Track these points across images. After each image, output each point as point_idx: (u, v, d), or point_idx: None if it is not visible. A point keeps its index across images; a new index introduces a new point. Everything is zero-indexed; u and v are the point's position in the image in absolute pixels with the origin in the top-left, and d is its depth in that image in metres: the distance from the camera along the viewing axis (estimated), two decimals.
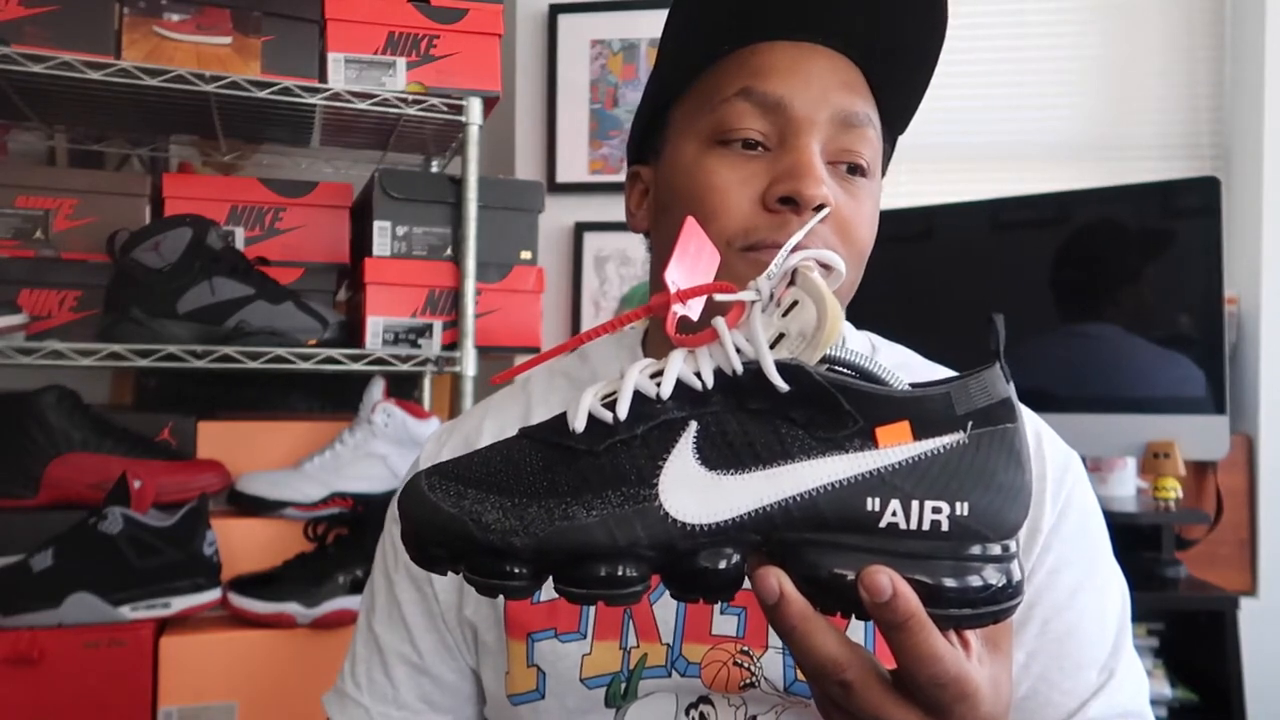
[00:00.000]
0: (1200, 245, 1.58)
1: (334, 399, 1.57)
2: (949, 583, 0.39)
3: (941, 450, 0.39)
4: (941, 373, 0.72)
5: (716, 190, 0.61)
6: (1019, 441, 0.40)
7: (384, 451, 1.34)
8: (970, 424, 0.39)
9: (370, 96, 1.33)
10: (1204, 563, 1.77)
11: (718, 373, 0.40)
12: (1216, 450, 1.59)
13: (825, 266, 0.42)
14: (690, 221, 0.43)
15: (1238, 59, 2.00)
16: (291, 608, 1.20)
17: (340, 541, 1.26)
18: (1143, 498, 1.71)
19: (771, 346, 0.40)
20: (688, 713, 0.63)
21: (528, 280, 1.47)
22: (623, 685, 0.63)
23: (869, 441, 0.39)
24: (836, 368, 0.41)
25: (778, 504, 0.39)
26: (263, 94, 1.28)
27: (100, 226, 1.37)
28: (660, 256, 0.67)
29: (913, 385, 0.42)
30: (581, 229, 2.03)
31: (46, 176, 1.45)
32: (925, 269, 1.80)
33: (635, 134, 0.72)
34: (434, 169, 1.72)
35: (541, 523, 0.38)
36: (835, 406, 0.39)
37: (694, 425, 0.39)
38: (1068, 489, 0.66)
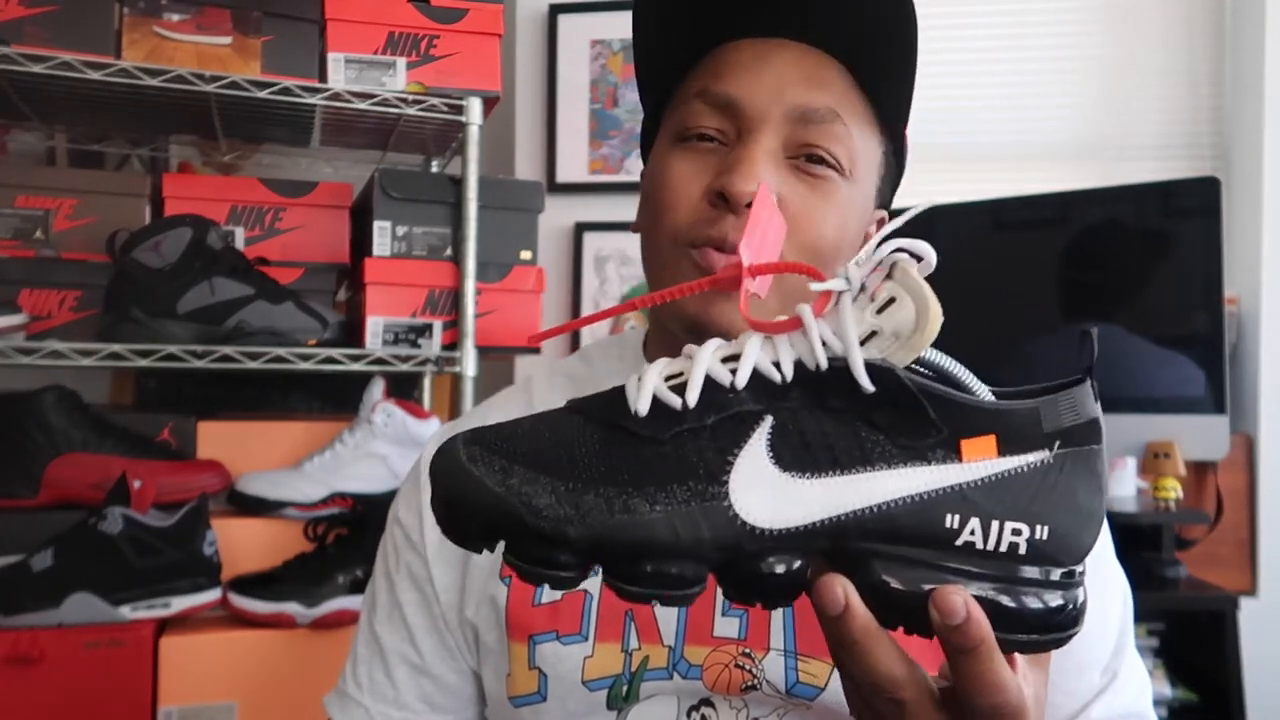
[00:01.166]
0: (1200, 245, 1.58)
1: (334, 399, 1.57)
2: (1018, 606, 0.37)
3: (1026, 468, 0.37)
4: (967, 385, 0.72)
5: (668, 185, 0.61)
6: (1101, 464, 0.39)
7: (384, 451, 1.34)
8: (1057, 443, 0.38)
9: (370, 96, 1.33)
10: (1204, 563, 1.77)
11: (798, 365, 0.37)
12: (1216, 450, 1.59)
13: (916, 257, 0.39)
14: (763, 190, 0.40)
15: (1238, 59, 2.00)
16: (291, 608, 1.20)
17: (340, 541, 1.26)
18: (1143, 498, 1.71)
19: (861, 343, 0.37)
20: (689, 715, 0.63)
21: (528, 280, 1.47)
22: (624, 688, 0.62)
23: (953, 453, 0.37)
24: (918, 369, 0.39)
25: (853, 514, 0.37)
26: (263, 94, 1.28)
27: (100, 226, 1.37)
28: (642, 255, 0.66)
29: (997, 395, 0.40)
30: (581, 229, 2.03)
31: (46, 176, 1.45)
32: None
33: (641, 139, 0.73)
34: (434, 169, 1.72)
35: (599, 513, 0.36)
36: (921, 414, 0.37)
37: (769, 420, 0.37)
38: None
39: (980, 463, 0.37)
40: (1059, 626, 0.38)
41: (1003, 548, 0.37)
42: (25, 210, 1.38)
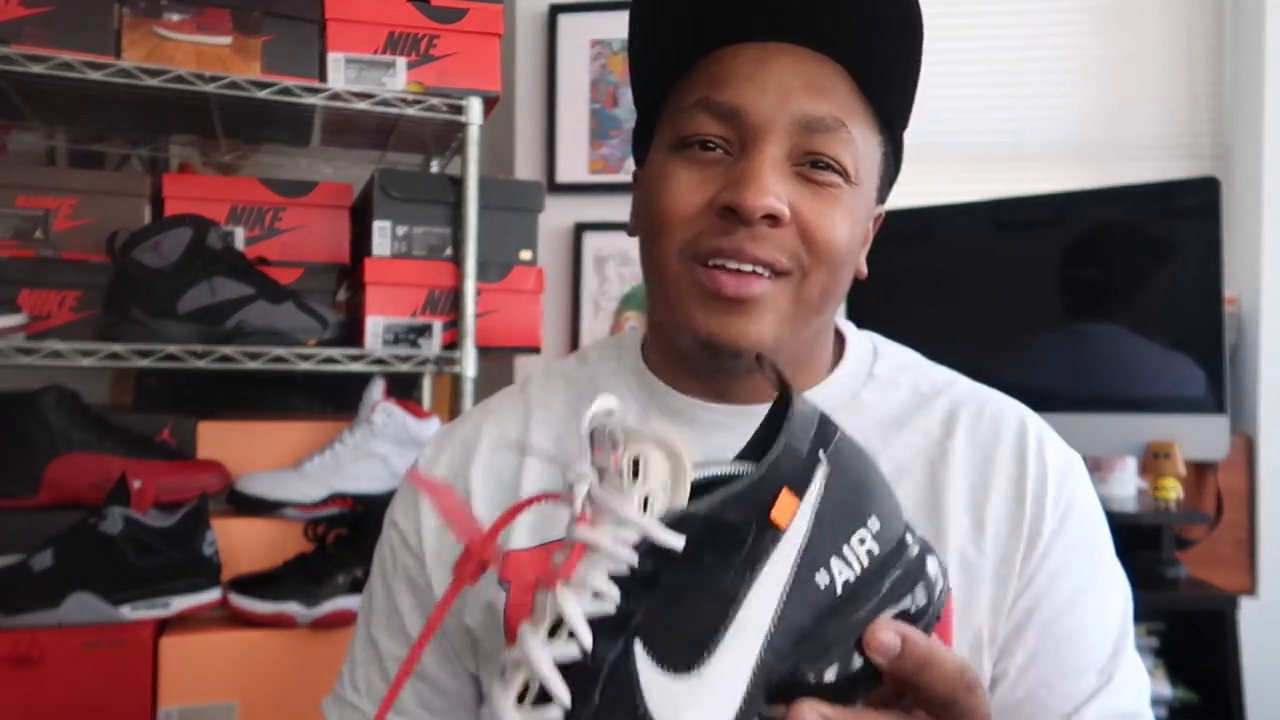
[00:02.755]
0: (1200, 245, 1.58)
1: (334, 399, 1.57)
2: (918, 598, 0.40)
3: (824, 491, 0.39)
4: (941, 374, 0.71)
5: (670, 194, 0.60)
6: (856, 443, 0.41)
7: (384, 451, 1.34)
8: (821, 451, 0.40)
9: (370, 96, 1.33)
10: (1204, 563, 1.77)
11: (617, 580, 0.36)
12: (1216, 450, 1.59)
13: (606, 413, 0.39)
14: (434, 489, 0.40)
15: (1238, 59, 2.00)
16: (291, 608, 1.20)
17: (340, 541, 1.26)
18: (1143, 498, 1.71)
19: (644, 514, 0.37)
20: None
21: (528, 280, 1.47)
22: None
23: (774, 533, 0.38)
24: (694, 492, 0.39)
25: (760, 655, 0.37)
26: (263, 94, 1.28)
27: (100, 226, 1.37)
28: (642, 260, 0.66)
29: (739, 457, 0.42)
30: (581, 229, 2.03)
31: (46, 176, 1.45)
32: (925, 269, 1.80)
33: (634, 139, 0.71)
34: (434, 169, 1.72)
35: None
36: (729, 527, 0.37)
37: (638, 644, 0.36)
38: (1069, 493, 0.66)
39: (795, 519, 0.38)
40: (937, 592, 0.41)
41: (865, 560, 0.39)
42: (25, 210, 1.38)
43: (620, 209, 0.74)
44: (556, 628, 0.36)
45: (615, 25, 2.03)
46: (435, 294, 1.40)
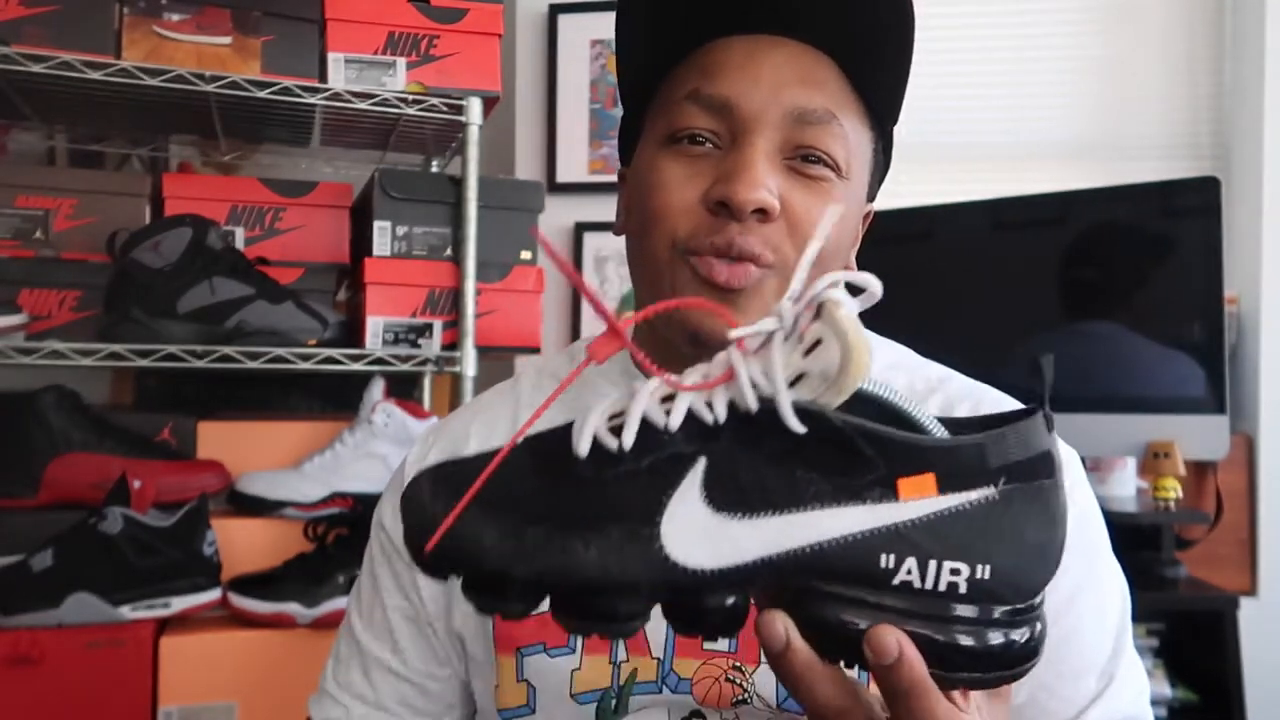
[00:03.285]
0: (1200, 245, 1.58)
1: (334, 399, 1.57)
2: (954, 644, 0.37)
3: (968, 506, 0.36)
4: (934, 370, 0.70)
5: (662, 189, 0.60)
6: (1056, 498, 0.38)
7: (384, 451, 1.34)
8: (1003, 479, 0.37)
9: (370, 96, 1.33)
10: (1204, 563, 1.77)
11: (731, 406, 0.37)
12: (1216, 450, 1.59)
13: (854, 289, 0.38)
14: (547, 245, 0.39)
15: (1238, 59, 2.00)
16: (291, 608, 1.20)
17: (340, 541, 1.26)
18: (1143, 498, 1.71)
19: (791, 385, 0.36)
20: None
21: (528, 280, 1.47)
22: (613, 701, 0.62)
23: (889, 492, 0.36)
24: (861, 401, 0.38)
25: (787, 553, 0.36)
26: (263, 94, 1.28)
27: (100, 226, 1.37)
28: (630, 258, 0.65)
29: (944, 422, 0.39)
30: (581, 229, 2.03)
31: (46, 176, 1.45)
32: (925, 269, 1.80)
33: (620, 137, 0.71)
34: (434, 169, 1.72)
35: (539, 552, 0.37)
36: (856, 453, 0.36)
37: (703, 461, 0.37)
38: (1070, 490, 0.66)
39: (918, 501, 0.36)
40: (1005, 664, 0.37)
41: (941, 587, 0.36)
42: (25, 210, 1.38)
43: None
44: (668, 399, 0.38)
45: None
46: (435, 294, 1.40)
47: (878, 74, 0.61)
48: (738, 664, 0.61)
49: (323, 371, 1.33)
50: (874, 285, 0.38)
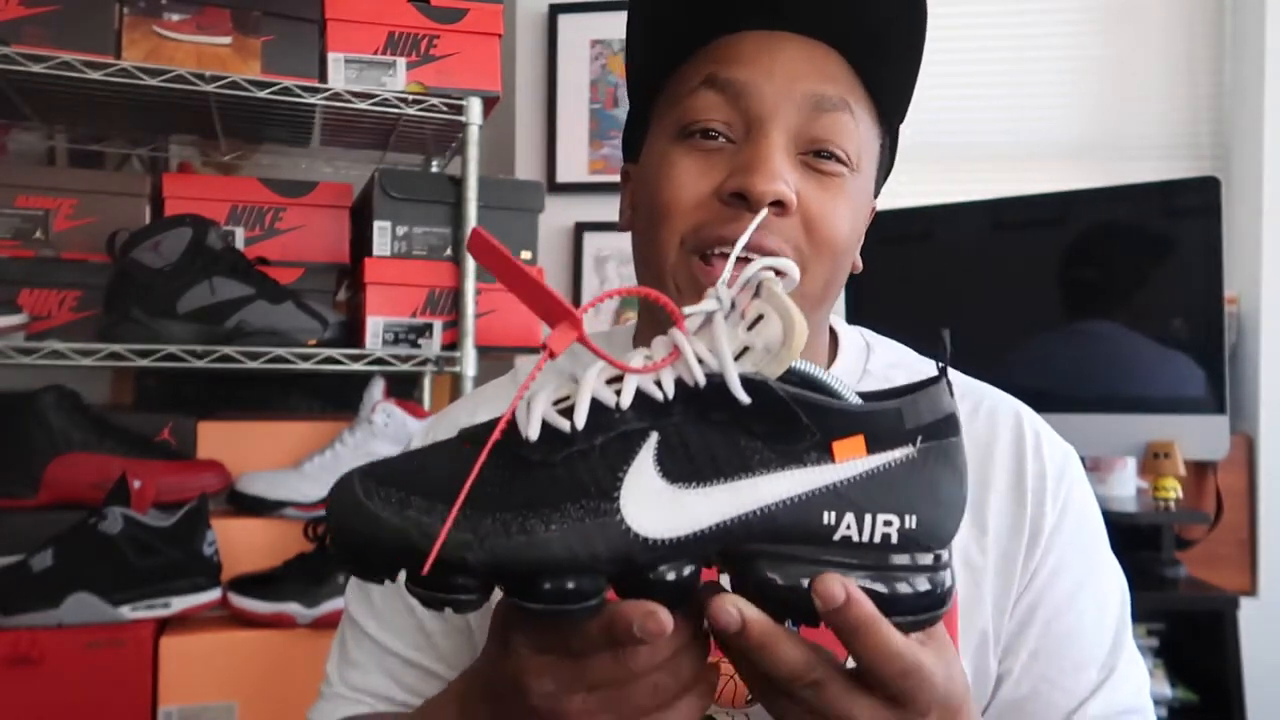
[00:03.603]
0: (1200, 245, 1.58)
1: (334, 399, 1.57)
2: (892, 591, 0.40)
3: (893, 464, 0.40)
4: (964, 386, 0.70)
5: (672, 183, 0.59)
6: (961, 456, 0.42)
7: (384, 451, 1.34)
8: (919, 438, 0.40)
9: (370, 96, 1.33)
10: (1204, 563, 1.77)
11: (679, 383, 0.39)
12: (1216, 450, 1.59)
13: (778, 273, 0.41)
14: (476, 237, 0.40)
15: (1238, 59, 2.00)
16: (291, 608, 1.20)
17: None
18: (1143, 498, 1.71)
19: (735, 359, 0.39)
20: None
21: None
22: None
23: (826, 455, 0.39)
24: (790, 379, 0.41)
25: (738, 518, 0.39)
26: (263, 94, 1.28)
27: (100, 226, 1.37)
28: (636, 255, 0.65)
29: (862, 396, 0.42)
30: (581, 229, 2.03)
31: (46, 176, 1.45)
32: (925, 269, 1.80)
33: (625, 133, 0.70)
34: (434, 169, 1.72)
35: (497, 536, 0.37)
36: (794, 420, 0.39)
37: (654, 436, 0.39)
38: (1066, 488, 0.66)
39: (851, 461, 0.39)
40: (929, 607, 0.41)
41: (876, 538, 0.40)
42: (25, 210, 1.38)
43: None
44: (617, 380, 0.40)
45: (615, 25, 2.03)
46: (435, 294, 1.40)
47: (887, 71, 0.61)
48: None
49: (323, 371, 1.33)
50: (793, 271, 0.42)
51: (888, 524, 0.40)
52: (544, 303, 0.39)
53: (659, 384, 0.39)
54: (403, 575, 0.38)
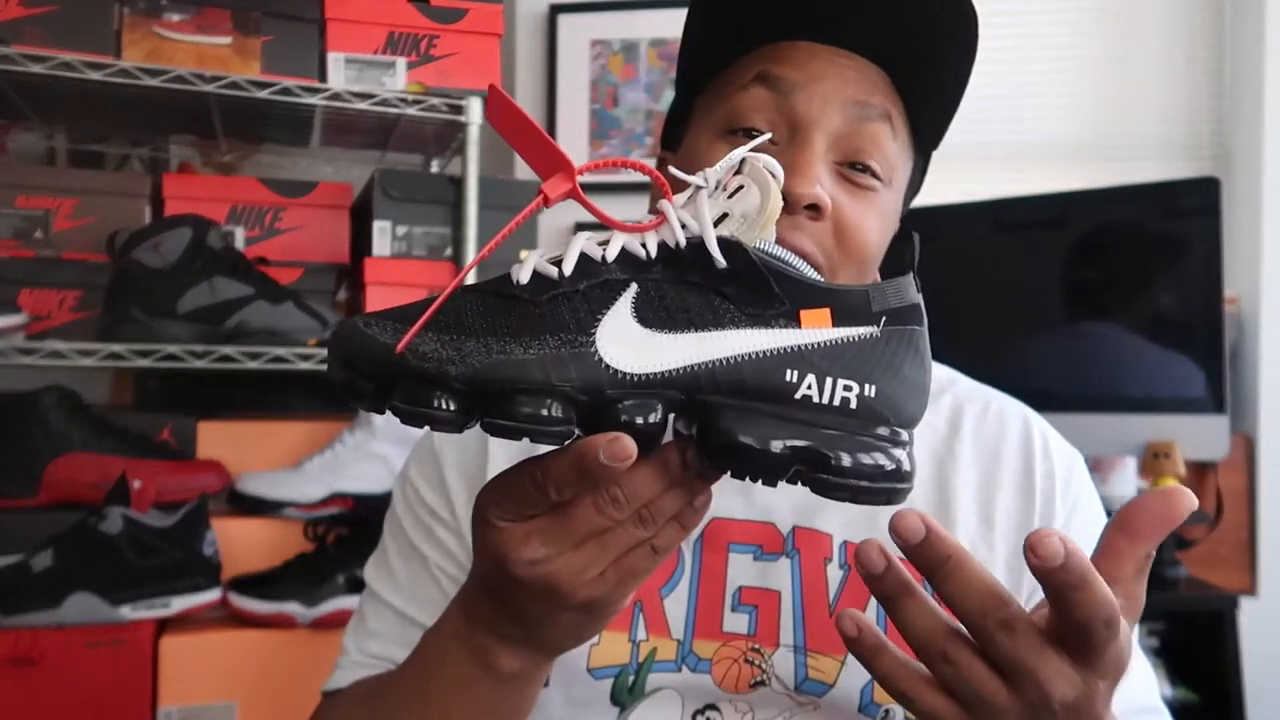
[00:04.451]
0: (1200, 245, 1.58)
1: (334, 399, 1.57)
2: (848, 457, 0.41)
3: (856, 338, 0.42)
4: (941, 371, 0.73)
5: None
6: (924, 343, 0.44)
7: (384, 452, 1.34)
8: (883, 320, 0.43)
9: (370, 96, 1.33)
10: (1204, 563, 1.77)
11: (661, 245, 0.42)
12: (1216, 450, 1.59)
13: (770, 173, 0.44)
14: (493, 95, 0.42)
15: (1238, 59, 2.00)
16: (291, 608, 1.20)
17: (340, 541, 1.26)
18: None
19: (716, 225, 0.42)
20: (694, 718, 0.62)
21: None
22: (631, 679, 0.62)
23: (793, 321, 0.42)
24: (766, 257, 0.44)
25: (704, 365, 0.41)
26: (263, 94, 1.28)
27: (100, 226, 1.37)
28: None
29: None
30: (581, 229, 2.02)
31: (46, 176, 1.45)
32: (925, 269, 1.80)
33: (667, 122, 0.71)
34: (434, 169, 1.72)
35: (478, 355, 0.40)
36: (766, 286, 0.42)
37: (634, 287, 0.42)
38: (1075, 488, 0.68)
39: (816, 330, 0.42)
40: (888, 478, 0.42)
41: (835, 401, 0.42)
42: (25, 210, 1.38)
43: (620, 209, 0.73)
44: (604, 243, 0.43)
45: (615, 25, 2.03)
46: (435, 294, 1.40)
47: (931, 96, 0.63)
48: (756, 646, 0.62)
49: (323, 371, 1.33)
50: (779, 171, 0.44)
51: (847, 389, 0.42)
52: (546, 154, 0.42)
53: (644, 245, 0.42)
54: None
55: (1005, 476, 0.67)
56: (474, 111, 1.38)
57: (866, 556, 0.43)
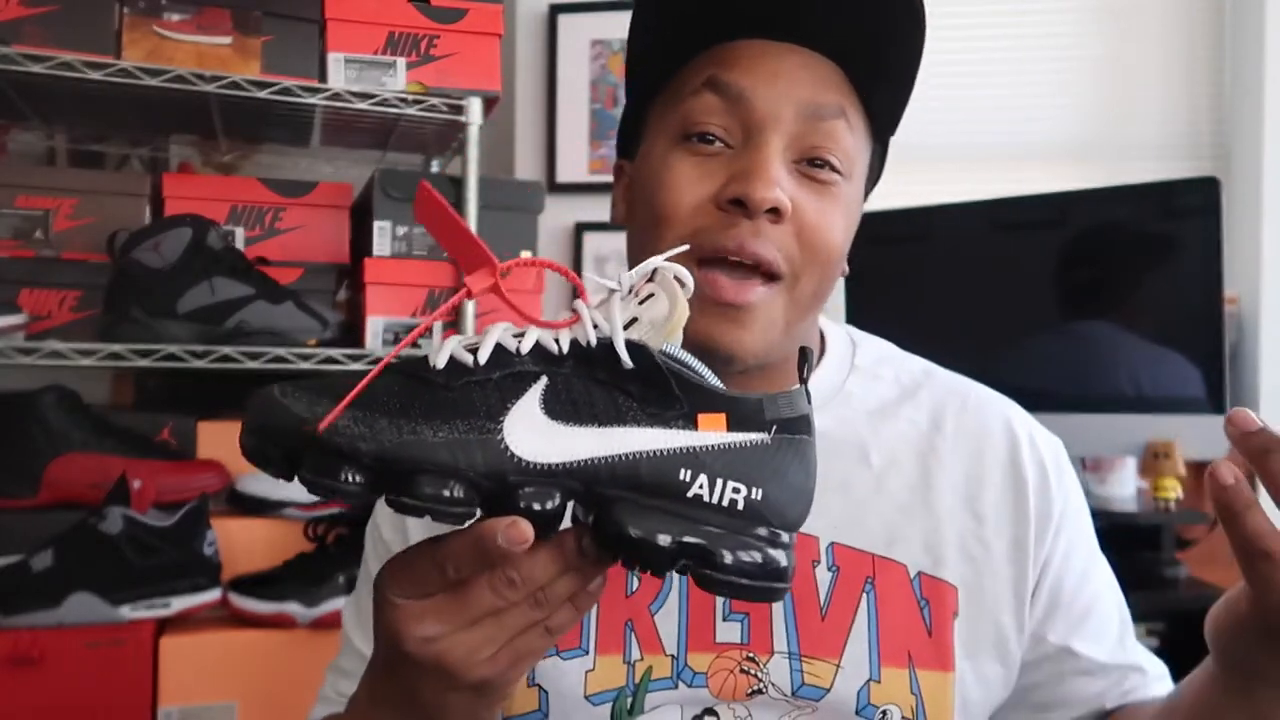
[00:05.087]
0: (1200, 245, 1.57)
1: None
2: (730, 555, 0.43)
3: (748, 444, 0.45)
4: (918, 364, 0.73)
5: (672, 188, 0.60)
6: (811, 451, 0.46)
7: None
8: (775, 428, 0.45)
9: (370, 96, 1.33)
10: (1204, 563, 1.77)
11: (573, 342, 0.45)
12: (1216, 450, 1.59)
13: (680, 282, 0.46)
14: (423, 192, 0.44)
15: (1238, 59, 2.00)
16: (291, 608, 1.20)
17: (340, 541, 1.26)
18: (1143, 498, 1.71)
19: (626, 328, 0.45)
20: None
21: (528, 280, 1.47)
22: (629, 700, 0.62)
23: (691, 424, 0.44)
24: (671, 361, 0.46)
25: (604, 459, 0.43)
26: (263, 94, 1.28)
27: (100, 226, 1.37)
28: (631, 252, 0.66)
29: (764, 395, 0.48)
30: (581, 229, 2.03)
31: (46, 176, 1.45)
32: (925, 269, 1.80)
33: (620, 129, 0.71)
34: (434, 169, 1.72)
35: (389, 434, 0.42)
36: (667, 389, 0.44)
37: (544, 380, 0.44)
38: (1066, 476, 0.69)
39: (712, 433, 0.44)
40: (766, 577, 0.44)
41: (724, 501, 0.44)
42: (25, 210, 1.38)
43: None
44: (519, 335, 0.45)
45: (615, 25, 2.03)
46: (435, 294, 1.40)
47: (884, 85, 0.62)
48: (751, 654, 0.62)
49: (323, 371, 1.33)
50: (689, 279, 0.46)
51: (735, 490, 0.44)
52: (470, 251, 0.45)
53: (557, 340, 0.45)
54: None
55: (991, 469, 0.67)
56: (474, 112, 1.38)
57: (1219, 471, 0.47)
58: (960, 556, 0.64)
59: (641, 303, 0.46)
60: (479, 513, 0.42)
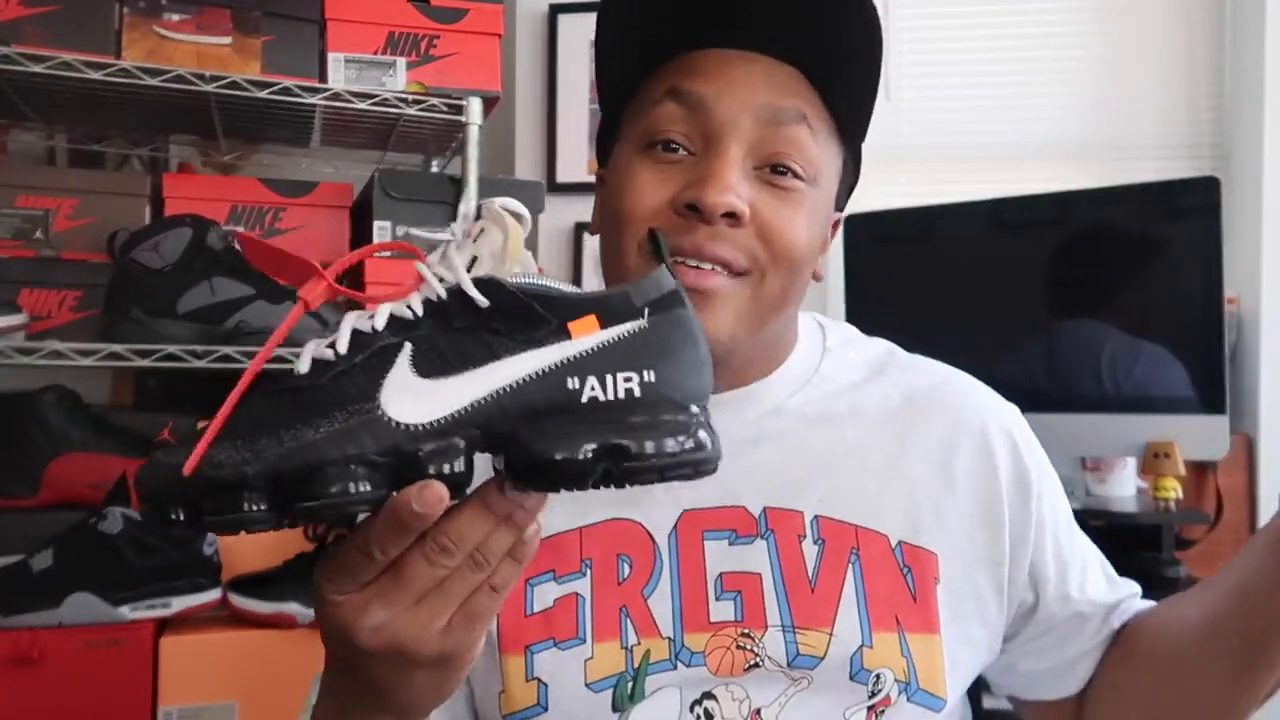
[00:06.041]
0: (1200, 245, 1.57)
1: None
2: (648, 442, 0.43)
3: (625, 334, 0.44)
4: (881, 344, 0.75)
5: (632, 193, 0.62)
6: (691, 323, 0.46)
7: None
8: (647, 311, 0.45)
9: (370, 96, 1.33)
10: (1204, 563, 1.76)
11: (426, 302, 0.45)
12: (1216, 450, 1.59)
13: (515, 215, 0.47)
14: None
15: (1238, 59, 2.00)
16: (291, 608, 1.20)
17: (340, 542, 1.26)
18: (1143, 498, 1.71)
19: (469, 270, 0.45)
20: (692, 710, 0.63)
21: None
22: (630, 685, 0.63)
23: (563, 335, 0.44)
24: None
25: (491, 397, 0.43)
26: (263, 94, 1.28)
27: (100, 226, 1.37)
28: (603, 261, 0.67)
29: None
30: (581, 229, 2.03)
31: (46, 176, 1.45)
32: (925, 269, 1.80)
33: (598, 138, 0.73)
34: (434, 169, 1.72)
35: (272, 449, 0.41)
36: (530, 312, 0.44)
37: (408, 346, 0.44)
38: (1029, 437, 0.72)
39: (587, 337, 0.44)
40: (687, 452, 0.44)
41: (620, 394, 0.44)
42: (25, 210, 1.38)
43: None
44: (372, 316, 0.45)
45: None
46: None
47: (846, 89, 0.64)
48: (746, 630, 0.63)
49: None
50: (524, 211, 0.47)
51: (628, 380, 0.43)
52: (296, 269, 0.45)
53: (410, 307, 0.44)
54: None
55: (961, 439, 0.69)
56: (474, 111, 1.38)
57: None
58: (937, 524, 0.66)
59: (475, 241, 0.46)
60: (394, 494, 0.42)
